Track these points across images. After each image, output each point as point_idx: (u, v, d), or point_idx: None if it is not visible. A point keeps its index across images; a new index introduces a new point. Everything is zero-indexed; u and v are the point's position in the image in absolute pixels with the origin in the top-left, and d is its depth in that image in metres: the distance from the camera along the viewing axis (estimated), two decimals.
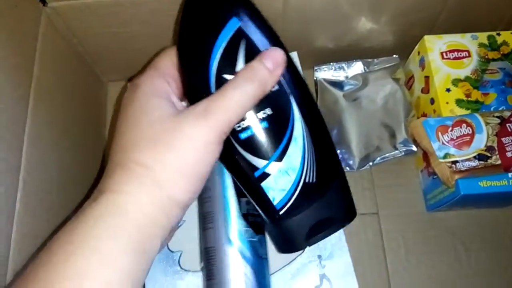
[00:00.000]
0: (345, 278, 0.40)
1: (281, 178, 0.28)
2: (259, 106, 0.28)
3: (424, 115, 0.46)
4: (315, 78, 0.51)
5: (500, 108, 0.42)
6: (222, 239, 0.35)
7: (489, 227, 0.47)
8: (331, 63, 0.50)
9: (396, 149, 0.47)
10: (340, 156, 0.47)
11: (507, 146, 0.38)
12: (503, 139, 0.39)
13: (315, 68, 0.50)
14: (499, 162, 0.38)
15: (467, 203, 0.44)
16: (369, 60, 0.50)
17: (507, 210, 0.47)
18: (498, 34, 0.45)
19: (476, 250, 0.46)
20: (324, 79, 0.50)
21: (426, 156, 0.43)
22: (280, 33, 0.31)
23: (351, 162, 0.47)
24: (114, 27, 0.46)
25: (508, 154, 0.38)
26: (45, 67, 0.40)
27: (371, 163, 0.47)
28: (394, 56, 0.50)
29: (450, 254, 0.46)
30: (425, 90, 0.45)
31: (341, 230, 0.42)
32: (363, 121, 0.48)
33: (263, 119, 0.28)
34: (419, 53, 0.46)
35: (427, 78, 0.44)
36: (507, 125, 0.39)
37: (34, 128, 0.36)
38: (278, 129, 0.28)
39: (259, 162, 0.28)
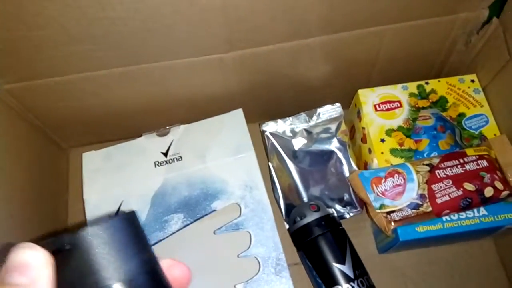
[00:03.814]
0: None
1: None
2: None
3: (365, 163, 0.48)
4: (262, 131, 0.53)
5: (433, 154, 0.45)
6: None
7: (438, 264, 0.49)
8: (277, 120, 0.52)
9: (344, 209, 0.50)
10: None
11: (437, 192, 0.41)
12: (432, 186, 0.41)
13: (262, 124, 0.52)
14: (430, 209, 0.41)
15: (412, 245, 0.46)
16: (313, 110, 0.52)
17: (454, 247, 0.49)
18: (427, 83, 0.48)
19: None
20: (272, 135, 0.52)
21: (366, 205, 0.45)
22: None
23: None
24: (67, 101, 0.48)
25: (438, 201, 0.41)
26: (1, 145, 0.42)
27: None
28: (336, 104, 0.52)
29: None
30: (364, 140, 0.48)
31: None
32: (312, 182, 0.51)
33: None
34: (356, 105, 0.49)
35: (364, 129, 0.47)
36: (436, 172, 0.42)
37: None
38: None
39: None
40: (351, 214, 0.50)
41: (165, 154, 0.47)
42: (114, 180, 0.47)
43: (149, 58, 0.43)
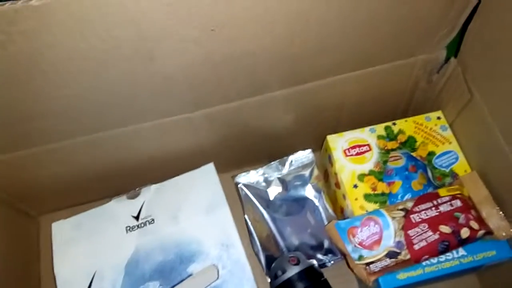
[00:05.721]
0: None
1: None
2: None
3: (341, 208, 0.48)
4: (235, 183, 0.52)
5: (406, 196, 0.45)
6: None
7: None
8: (249, 171, 0.52)
9: (325, 257, 0.49)
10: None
11: (413, 238, 0.41)
12: (409, 232, 0.41)
13: (235, 176, 0.52)
14: (408, 256, 0.40)
15: None
16: (284, 158, 0.52)
17: (439, 286, 0.49)
18: (394, 124, 0.49)
19: None
20: (246, 186, 0.51)
21: (345, 256, 0.45)
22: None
23: None
24: (33, 172, 0.47)
25: (416, 247, 0.40)
26: None
27: None
28: (307, 150, 0.52)
29: None
30: (338, 185, 0.48)
31: None
32: (290, 231, 0.50)
33: None
34: (326, 150, 0.49)
35: (336, 175, 0.47)
36: (411, 216, 0.42)
37: None
38: None
39: None
40: (332, 262, 0.49)
41: (137, 218, 0.46)
42: (86, 250, 0.45)
43: (114, 125, 0.42)
